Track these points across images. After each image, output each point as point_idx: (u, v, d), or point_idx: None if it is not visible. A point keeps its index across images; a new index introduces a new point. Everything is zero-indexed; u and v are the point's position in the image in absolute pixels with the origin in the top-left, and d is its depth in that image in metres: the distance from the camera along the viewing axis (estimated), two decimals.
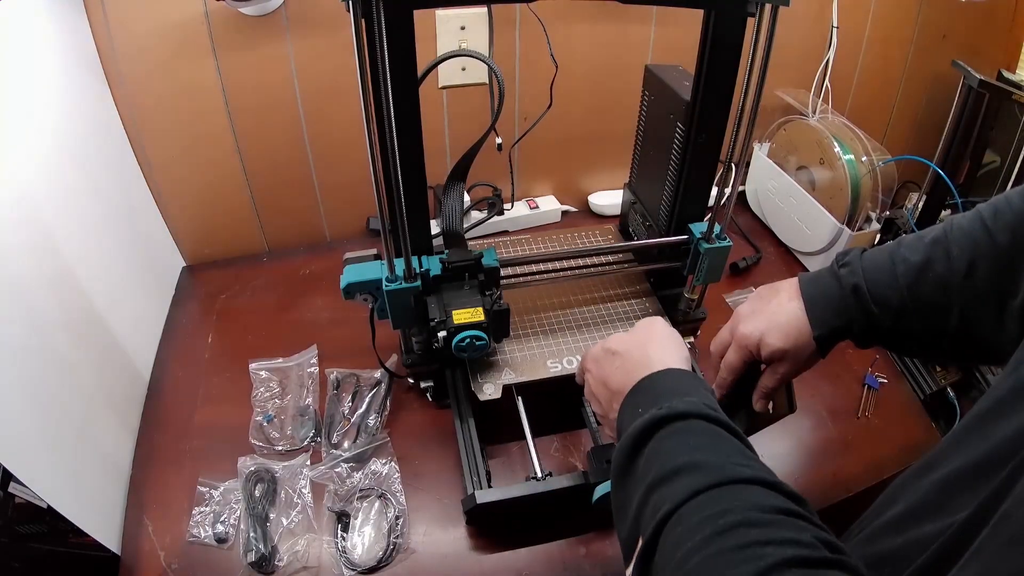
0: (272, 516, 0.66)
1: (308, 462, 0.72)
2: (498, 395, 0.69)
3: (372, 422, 0.75)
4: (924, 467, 0.40)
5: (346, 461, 0.71)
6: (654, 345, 0.50)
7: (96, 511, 0.63)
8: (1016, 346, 0.38)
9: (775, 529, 0.31)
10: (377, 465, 0.71)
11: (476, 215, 1.05)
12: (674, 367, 0.47)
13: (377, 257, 0.70)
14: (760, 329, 0.53)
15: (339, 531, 0.65)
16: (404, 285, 0.65)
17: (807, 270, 1.02)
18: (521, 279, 0.78)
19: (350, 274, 0.67)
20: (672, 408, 0.41)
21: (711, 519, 0.32)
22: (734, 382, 0.58)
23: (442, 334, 0.64)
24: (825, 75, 1.09)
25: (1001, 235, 0.45)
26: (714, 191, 0.72)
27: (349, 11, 0.48)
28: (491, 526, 0.66)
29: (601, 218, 1.15)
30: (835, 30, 1.06)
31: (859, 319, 0.51)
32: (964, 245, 0.47)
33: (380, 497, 0.69)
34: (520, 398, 0.70)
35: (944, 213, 0.95)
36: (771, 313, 0.54)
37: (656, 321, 0.54)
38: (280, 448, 0.73)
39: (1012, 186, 0.86)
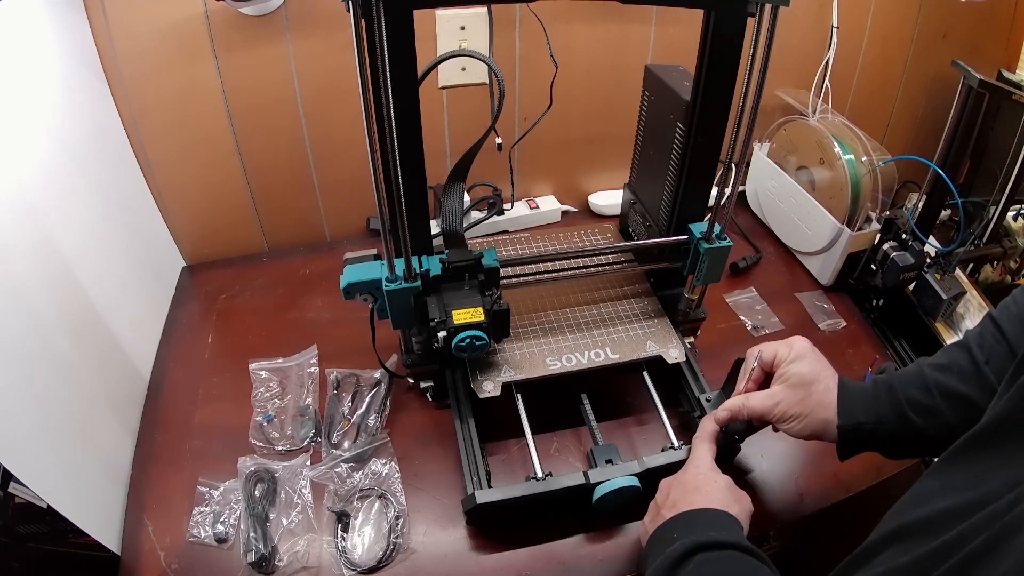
0: (272, 516, 0.66)
1: (308, 462, 0.72)
2: (497, 392, 0.69)
3: (372, 422, 0.75)
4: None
5: (346, 461, 0.71)
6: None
7: (96, 511, 0.63)
8: None
9: None
10: (377, 465, 0.71)
11: (476, 215, 1.05)
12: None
13: (377, 257, 0.70)
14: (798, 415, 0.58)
15: (339, 531, 0.65)
16: (404, 285, 0.65)
17: (807, 270, 1.03)
18: (521, 279, 0.78)
19: (350, 274, 0.67)
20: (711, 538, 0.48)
21: None
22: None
23: (442, 334, 0.64)
24: (825, 75, 1.09)
25: (1006, 323, 0.51)
26: (714, 191, 0.72)
27: (349, 11, 0.48)
28: (491, 526, 0.66)
29: (601, 218, 1.15)
30: (835, 30, 1.06)
31: (889, 416, 0.54)
32: (980, 340, 0.53)
33: (380, 497, 0.69)
34: (520, 396, 0.70)
35: (944, 213, 0.95)
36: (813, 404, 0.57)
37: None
38: (280, 448, 0.74)
39: (1012, 186, 0.86)
